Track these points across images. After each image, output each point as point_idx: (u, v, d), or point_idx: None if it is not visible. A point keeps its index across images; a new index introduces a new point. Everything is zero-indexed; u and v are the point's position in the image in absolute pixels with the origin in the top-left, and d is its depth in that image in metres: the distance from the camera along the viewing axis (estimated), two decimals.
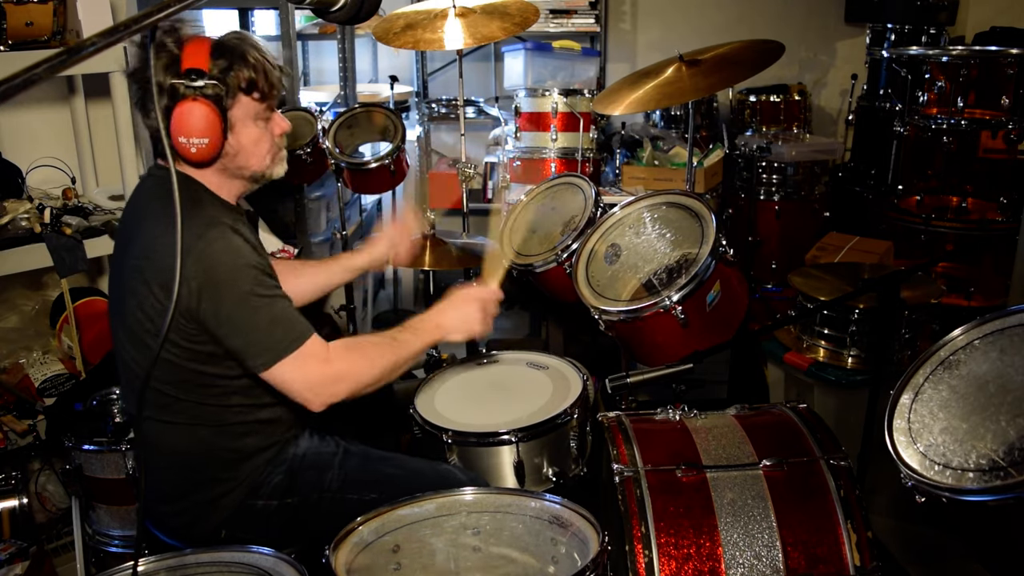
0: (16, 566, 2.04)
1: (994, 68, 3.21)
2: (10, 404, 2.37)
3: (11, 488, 2.22)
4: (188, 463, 1.66)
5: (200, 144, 1.52)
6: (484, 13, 2.63)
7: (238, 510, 1.69)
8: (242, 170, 1.65)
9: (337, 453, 1.77)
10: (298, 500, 1.70)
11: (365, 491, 1.69)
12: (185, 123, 1.50)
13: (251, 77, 1.57)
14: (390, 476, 1.73)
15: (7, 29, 2.26)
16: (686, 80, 2.42)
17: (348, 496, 1.70)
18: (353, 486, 1.71)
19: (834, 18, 4.38)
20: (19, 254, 2.27)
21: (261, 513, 1.70)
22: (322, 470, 1.73)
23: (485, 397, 2.12)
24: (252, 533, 1.66)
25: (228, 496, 1.68)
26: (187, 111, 1.50)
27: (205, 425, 1.65)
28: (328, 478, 1.72)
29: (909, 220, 3.40)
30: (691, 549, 1.51)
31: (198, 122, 1.51)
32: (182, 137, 1.51)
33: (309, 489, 1.71)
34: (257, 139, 1.63)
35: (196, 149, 1.52)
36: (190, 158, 1.54)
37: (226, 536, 1.69)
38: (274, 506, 1.70)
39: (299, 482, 1.71)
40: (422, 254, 2.49)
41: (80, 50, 0.83)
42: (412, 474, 1.73)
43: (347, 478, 1.72)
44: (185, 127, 1.51)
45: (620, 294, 2.15)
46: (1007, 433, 1.30)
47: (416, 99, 4.42)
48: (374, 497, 1.64)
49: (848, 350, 2.54)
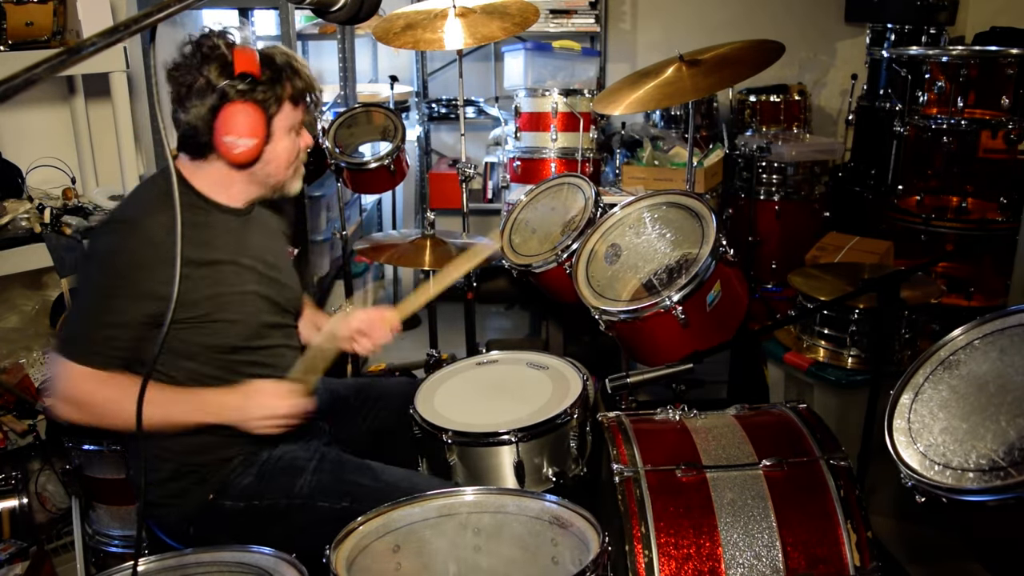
0: (16, 566, 2.05)
1: (994, 68, 3.21)
2: (10, 404, 2.37)
3: (11, 488, 2.22)
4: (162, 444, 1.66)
5: (246, 145, 1.58)
6: (484, 13, 2.63)
7: (206, 507, 1.68)
8: (269, 177, 1.70)
9: (312, 459, 1.74)
10: (266, 504, 1.68)
11: (336, 500, 1.67)
12: (233, 124, 1.56)
13: (301, 88, 1.65)
14: (363, 487, 1.69)
15: (7, 29, 2.26)
16: (686, 80, 2.42)
17: (319, 504, 1.67)
18: (324, 494, 1.68)
19: (834, 18, 4.38)
20: (19, 254, 2.27)
21: (228, 513, 1.69)
22: (294, 475, 1.70)
23: (485, 397, 2.12)
24: (218, 533, 1.65)
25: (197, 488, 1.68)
26: (237, 112, 1.56)
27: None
28: (299, 484, 1.69)
29: (909, 220, 3.40)
30: (691, 549, 1.51)
31: (246, 124, 1.57)
32: (228, 137, 1.57)
33: (279, 494, 1.69)
34: (289, 150, 1.69)
35: (240, 150, 1.58)
36: (232, 159, 1.61)
37: (194, 533, 1.69)
38: (240, 507, 1.69)
39: (269, 486, 1.70)
40: (422, 254, 2.49)
41: (80, 50, 0.83)
42: (386, 486, 1.69)
43: (319, 485, 1.69)
44: (233, 128, 1.56)
45: (620, 294, 2.15)
46: (1007, 433, 1.30)
47: (416, 99, 4.42)
48: (345, 506, 1.63)
49: (848, 350, 2.54)
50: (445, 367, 2.28)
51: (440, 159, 4.55)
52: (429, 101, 4.47)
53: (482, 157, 4.27)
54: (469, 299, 3.05)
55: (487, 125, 4.47)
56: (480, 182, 4.29)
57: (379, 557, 1.42)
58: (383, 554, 1.43)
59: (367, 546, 1.42)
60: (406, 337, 3.95)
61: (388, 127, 3.07)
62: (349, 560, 1.38)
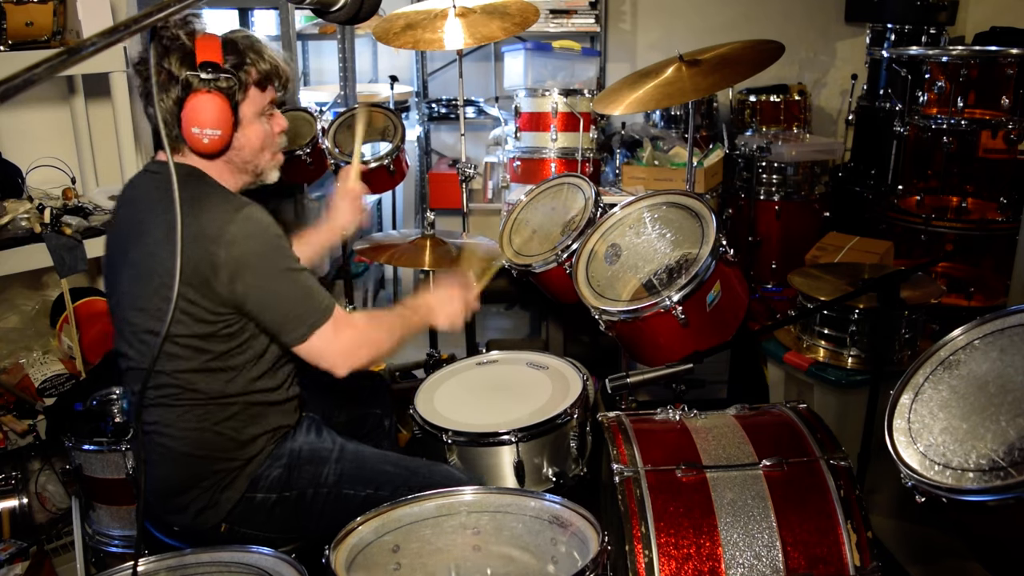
0: (16, 566, 2.05)
1: (994, 68, 3.21)
2: (10, 404, 2.37)
3: (11, 488, 2.22)
4: (192, 456, 1.66)
5: (213, 135, 1.57)
6: (484, 13, 2.63)
7: (239, 503, 1.69)
8: (247, 164, 1.69)
9: (334, 449, 1.78)
10: (296, 494, 1.71)
11: (361, 487, 1.71)
12: (199, 114, 1.55)
13: (265, 71, 1.63)
14: (386, 472, 1.74)
15: (7, 29, 2.26)
16: (686, 80, 2.42)
17: (344, 491, 1.72)
18: (349, 482, 1.72)
19: (834, 18, 4.38)
20: (19, 254, 2.27)
21: (261, 506, 1.70)
22: (319, 465, 1.74)
23: (485, 397, 2.12)
24: (252, 527, 1.68)
25: (231, 488, 1.68)
26: (201, 102, 1.55)
27: (210, 415, 1.65)
28: (325, 473, 1.73)
29: (909, 220, 3.40)
30: (691, 549, 1.51)
31: (212, 114, 1.56)
32: (195, 128, 1.55)
33: (306, 483, 1.72)
34: (261, 134, 1.68)
35: (208, 140, 1.57)
36: (202, 149, 1.59)
37: (227, 531, 1.69)
38: (273, 499, 1.71)
39: (296, 476, 1.72)
40: (422, 254, 2.49)
41: (80, 50, 0.83)
42: (408, 472, 1.75)
43: (343, 473, 1.73)
44: (198, 118, 1.55)
45: (620, 294, 2.15)
46: (1007, 433, 1.30)
47: (416, 99, 4.42)
48: (370, 492, 1.69)
49: (848, 350, 2.54)
50: (445, 367, 2.28)
51: (440, 159, 4.55)
52: (429, 101, 4.47)
53: (482, 157, 4.27)
54: None
55: (487, 125, 4.47)
56: (480, 182, 4.29)
57: (378, 557, 1.42)
58: (383, 554, 1.43)
59: (367, 546, 1.43)
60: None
61: (388, 127, 3.07)
62: (349, 560, 1.38)
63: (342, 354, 1.65)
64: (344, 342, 1.65)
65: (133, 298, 1.62)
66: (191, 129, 1.55)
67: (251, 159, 1.68)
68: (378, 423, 2.17)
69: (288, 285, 1.60)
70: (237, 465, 1.69)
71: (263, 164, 1.72)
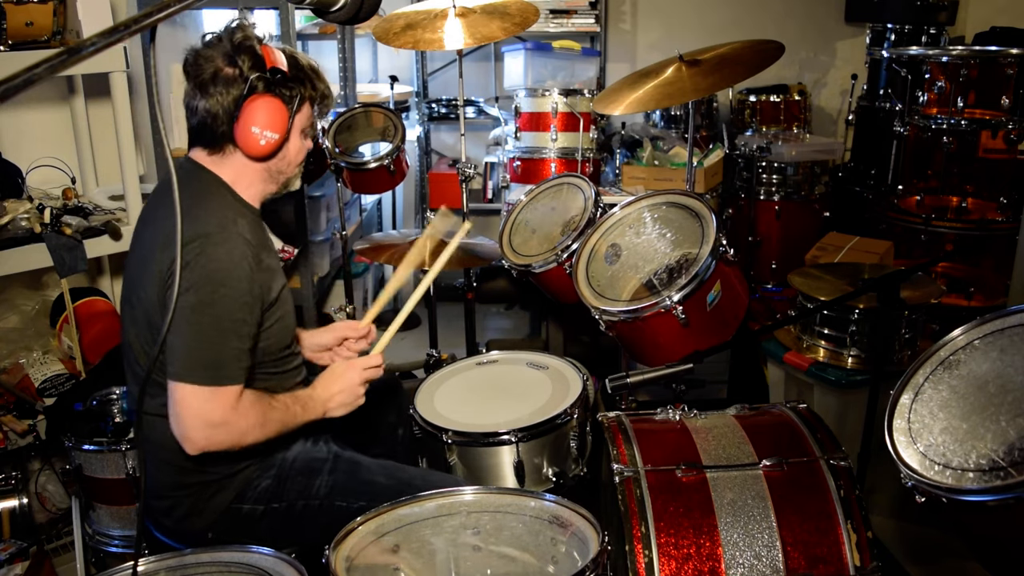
0: (16, 566, 2.05)
1: (994, 68, 3.21)
2: (10, 404, 2.37)
3: (11, 488, 2.22)
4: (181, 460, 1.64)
5: (271, 138, 1.59)
6: (484, 13, 2.63)
7: (225, 513, 1.68)
8: (281, 174, 1.71)
9: (327, 460, 1.75)
10: (284, 506, 1.70)
11: (353, 499, 1.69)
12: (261, 115, 1.56)
13: (321, 92, 1.67)
14: (380, 485, 1.71)
15: (7, 29, 2.26)
16: (686, 80, 2.41)
17: (336, 503, 1.70)
18: (341, 494, 1.70)
19: (834, 18, 4.38)
20: (19, 254, 2.27)
21: (248, 517, 1.69)
22: (311, 476, 1.72)
23: (485, 397, 2.12)
24: (238, 537, 1.64)
25: (217, 497, 1.67)
26: (266, 104, 1.57)
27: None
28: (317, 484, 1.71)
29: (909, 220, 3.40)
30: (691, 549, 1.51)
31: (273, 117, 1.58)
32: (255, 127, 1.57)
33: (296, 495, 1.70)
34: (300, 150, 1.71)
35: (265, 142, 1.59)
36: (254, 150, 1.60)
37: (213, 538, 1.68)
38: (260, 511, 1.69)
39: (287, 488, 1.71)
40: (422, 254, 2.49)
41: (80, 50, 0.83)
42: (402, 484, 1.71)
43: (335, 485, 1.71)
44: (260, 119, 1.57)
45: (620, 294, 2.15)
46: (1007, 433, 1.30)
47: (416, 99, 4.42)
48: (362, 505, 1.64)
49: (848, 350, 2.54)
50: (445, 367, 2.28)
51: (440, 159, 4.55)
52: (429, 101, 4.46)
53: (482, 157, 4.27)
54: (469, 299, 3.05)
55: (487, 125, 4.47)
56: (480, 182, 4.30)
57: (378, 557, 1.42)
58: (382, 554, 1.43)
59: (367, 546, 1.43)
60: (406, 337, 3.96)
61: (388, 127, 3.07)
62: (349, 560, 1.38)
63: (203, 423, 1.51)
64: (211, 414, 1.51)
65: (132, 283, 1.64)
66: (250, 128, 1.56)
67: (286, 170, 1.71)
68: (391, 432, 2.11)
69: (201, 326, 1.51)
70: (226, 472, 1.67)
71: (291, 177, 1.74)
